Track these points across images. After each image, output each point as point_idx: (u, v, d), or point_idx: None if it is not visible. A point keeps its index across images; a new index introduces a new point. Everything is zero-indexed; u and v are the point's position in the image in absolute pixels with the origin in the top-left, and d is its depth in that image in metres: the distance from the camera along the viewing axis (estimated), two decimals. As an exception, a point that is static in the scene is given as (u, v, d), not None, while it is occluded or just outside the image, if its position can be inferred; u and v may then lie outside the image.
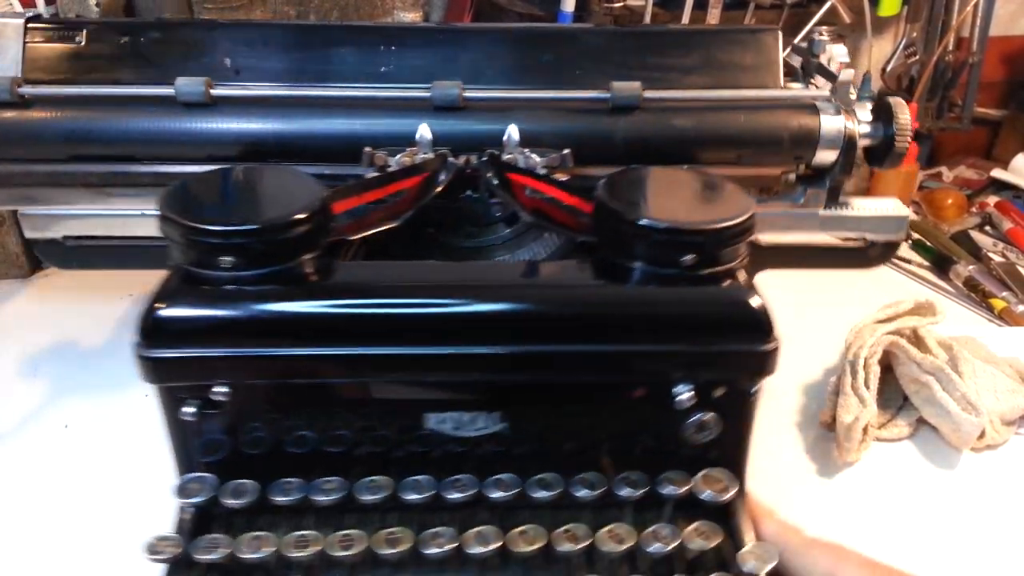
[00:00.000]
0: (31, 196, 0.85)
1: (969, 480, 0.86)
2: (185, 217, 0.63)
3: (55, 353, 1.03)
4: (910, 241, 1.32)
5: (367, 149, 0.81)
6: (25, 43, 0.88)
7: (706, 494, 0.68)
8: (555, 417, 0.69)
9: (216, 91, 0.81)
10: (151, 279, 1.18)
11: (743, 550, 0.65)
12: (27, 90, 0.82)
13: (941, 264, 1.25)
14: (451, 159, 0.82)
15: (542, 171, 0.82)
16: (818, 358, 1.00)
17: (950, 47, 1.42)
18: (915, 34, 1.43)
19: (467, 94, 0.82)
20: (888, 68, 1.43)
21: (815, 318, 0.89)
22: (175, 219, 0.63)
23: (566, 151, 0.82)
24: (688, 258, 0.64)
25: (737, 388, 0.66)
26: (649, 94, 0.83)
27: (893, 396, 0.93)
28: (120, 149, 0.83)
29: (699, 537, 0.66)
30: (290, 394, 0.66)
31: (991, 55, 1.47)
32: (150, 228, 0.87)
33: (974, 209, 1.41)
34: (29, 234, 0.87)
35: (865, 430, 0.86)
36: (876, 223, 0.92)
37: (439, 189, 0.78)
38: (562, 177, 0.81)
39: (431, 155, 0.82)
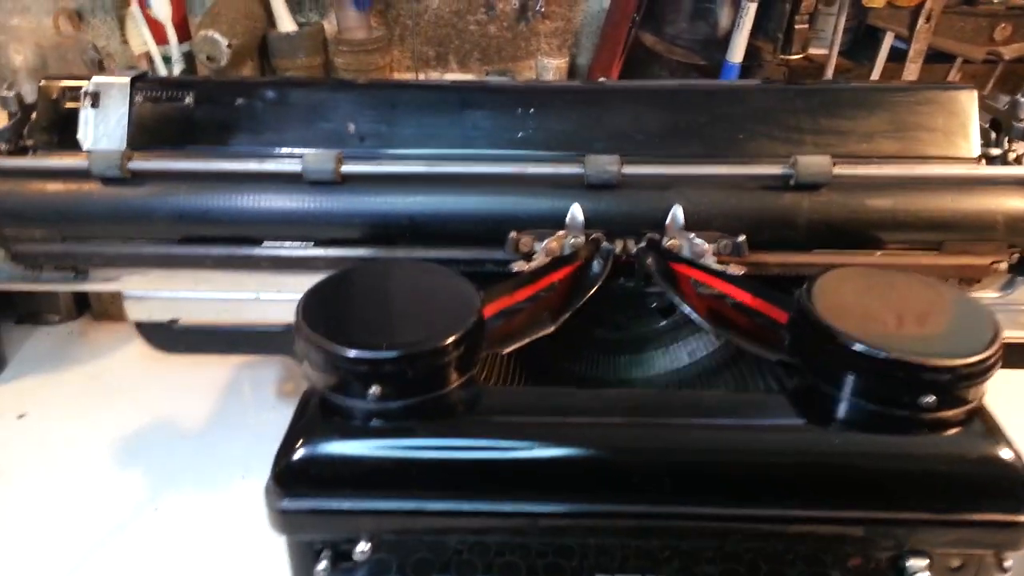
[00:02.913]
0: (139, 276, 0.78)
1: None
2: (328, 337, 0.54)
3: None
4: None
5: (512, 234, 0.71)
6: (132, 104, 0.81)
7: None
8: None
9: (346, 168, 0.73)
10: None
11: None
12: (137, 165, 0.75)
13: None
14: (605, 244, 0.72)
15: (711, 260, 0.71)
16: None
17: None
18: None
19: (626, 170, 0.72)
20: None
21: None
22: (316, 340, 0.54)
23: (740, 238, 0.71)
24: (928, 400, 0.53)
25: (981, 563, 0.54)
26: (839, 170, 0.71)
27: None
28: (237, 230, 0.75)
29: None
30: (442, 549, 0.57)
31: None
32: (264, 312, 0.79)
33: None
34: (134, 316, 0.80)
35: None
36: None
37: (595, 288, 0.68)
38: (738, 270, 0.70)
39: (582, 239, 0.72)
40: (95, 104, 0.80)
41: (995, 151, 0.79)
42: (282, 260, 0.75)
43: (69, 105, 0.81)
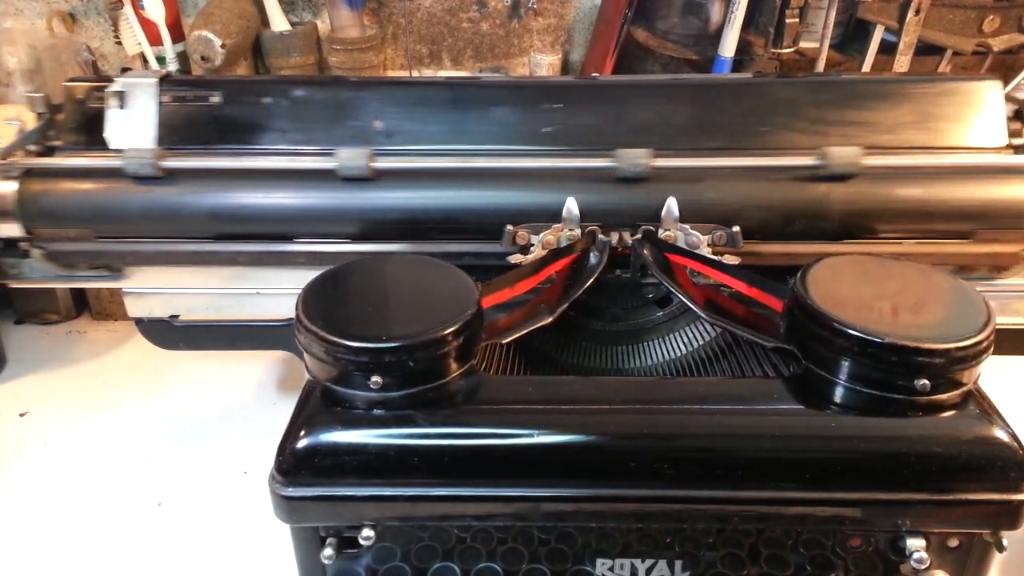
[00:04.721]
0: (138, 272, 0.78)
1: None
2: (329, 328, 0.55)
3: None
4: None
5: (509, 227, 0.72)
6: (160, 104, 0.81)
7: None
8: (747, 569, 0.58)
9: (378, 164, 0.73)
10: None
11: None
12: (170, 163, 0.75)
13: None
14: (601, 236, 0.73)
15: (706, 251, 0.72)
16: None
17: None
18: None
19: (656, 163, 0.72)
20: None
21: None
22: (317, 331, 0.55)
23: (735, 228, 0.71)
24: (922, 383, 0.53)
25: (977, 542, 0.55)
26: (869, 160, 0.72)
27: None
28: (272, 227, 0.76)
29: None
30: (446, 536, 0.57)
31: None
32: (264, 308, 0.80)
33: None
34: (133, 312, 0.81)
35: None
36: None
37: (593, 279, 0.68)
38: (732, 260, 0.70)
39: (578, 232, 0.72)
40: (122, 104, 0.80)
41: (1021, 141, 0.80)
42: (317, 255, 0.76)
43: (94, 106, 0.81)
